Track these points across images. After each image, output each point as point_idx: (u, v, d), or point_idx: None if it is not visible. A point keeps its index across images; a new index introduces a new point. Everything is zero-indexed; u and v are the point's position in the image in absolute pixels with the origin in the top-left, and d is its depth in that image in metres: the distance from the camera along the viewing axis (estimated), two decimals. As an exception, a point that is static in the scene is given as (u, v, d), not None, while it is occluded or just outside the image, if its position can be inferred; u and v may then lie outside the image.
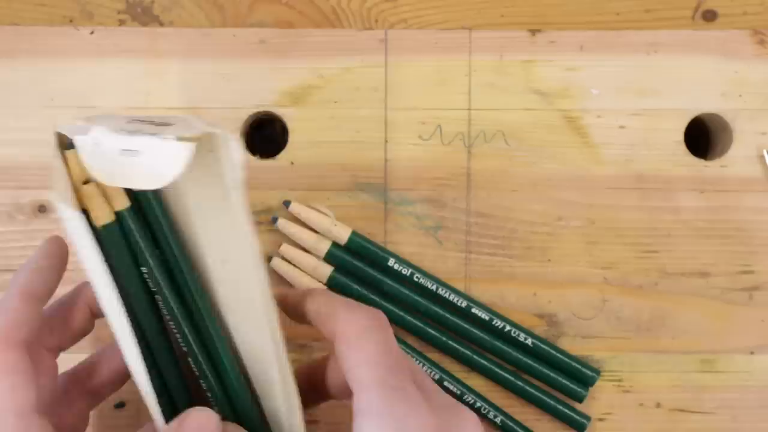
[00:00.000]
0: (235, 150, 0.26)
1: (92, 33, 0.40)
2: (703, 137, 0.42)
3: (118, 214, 0.28)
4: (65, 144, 0.28)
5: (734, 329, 0.40)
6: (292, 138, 0.40)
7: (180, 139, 0.26)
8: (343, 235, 0.39)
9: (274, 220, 0.39)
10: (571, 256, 0.40)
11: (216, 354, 0.30)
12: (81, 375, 0.33)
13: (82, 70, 0.40)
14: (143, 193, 0.28)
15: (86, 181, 0.28)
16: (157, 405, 0.29)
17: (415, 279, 0.39)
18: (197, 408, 0.29)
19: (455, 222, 0.40)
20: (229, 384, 0.30)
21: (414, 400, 0.28)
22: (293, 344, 0.40)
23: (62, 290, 0.32)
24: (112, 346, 0.33)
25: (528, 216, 0.40)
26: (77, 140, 0.27)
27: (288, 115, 0.40)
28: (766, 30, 0.40)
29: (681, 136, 0.40)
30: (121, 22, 0.40)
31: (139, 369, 0.28)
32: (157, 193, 0.29)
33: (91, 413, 0.33)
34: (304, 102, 0.40)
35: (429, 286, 0.39)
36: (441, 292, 0.39)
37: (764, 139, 0.40)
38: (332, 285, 0.39)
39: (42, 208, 0.39)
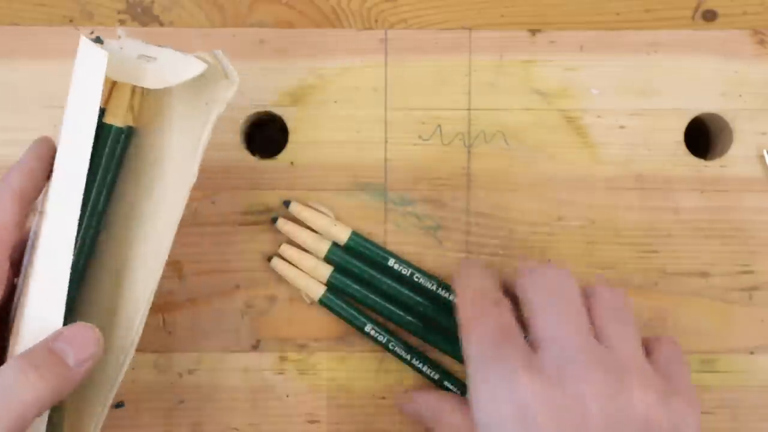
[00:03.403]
0: (233, 89, 0.32)
1: (92, 33, 0.40)
2: (703, 137, 0.42)
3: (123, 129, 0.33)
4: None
5: (734, 329, 0.40)
6: (292, 138, 0.40)
7: (197, 56, 0.31)
8: (342, 235, 0.39)
9: (274, 220, 0.39)
10: (571, 256, 0.40)
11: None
12: None
13: (82, 70, 0.40)
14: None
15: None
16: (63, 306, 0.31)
17: (415, 279, 0.39)
18: (82, 323, 0.31)
19: (455, 222, 0.40)
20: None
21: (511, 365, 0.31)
22: (293, 344, 0.40)
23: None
24: None
25: (528, 216, 0.40)
26: (106, 43, 0.32)
27: (288, 115, 0.40)
28: (766, 30, 0.40)
29: (681, 136, 0.40)
30: (121, 22, 0.40)
31: (66, 264, 0.30)
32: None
33: None
34: (304, 102, 0.40)
35: (429, 287, 0.39)
36: (441, 292, 0.39)
37: (764, 139, 0.40)
38: (332, 285, 0.39)
39: (42, 208, 0.40)
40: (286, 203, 0.39)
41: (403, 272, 0.39)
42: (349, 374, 0.40)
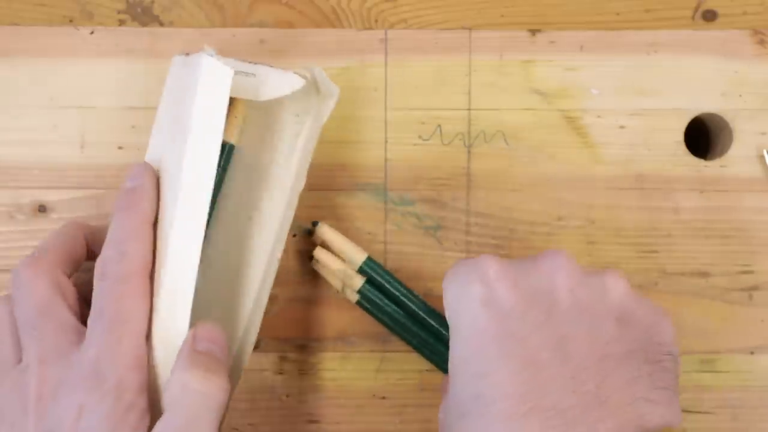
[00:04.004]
0: (334, 100, 0.35)
1: (92, 33, 0.40)
2: (703, 137, 0.42)
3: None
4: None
5: (734, 329, 0.40)
6: (292, 138, 0.40)
7: (296, 73, 0.33)
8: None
9: (315, 224, 0.39)
10: (571, 256, 0.40)
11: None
12: None
13: (82, 70, 0.40)
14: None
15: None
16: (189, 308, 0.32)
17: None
18: (202, 321, 0.31)
19: (455, 222, 0.40)
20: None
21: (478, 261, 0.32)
22: (293, 344, 0.40)
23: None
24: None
25: (528, 216, 0.40)
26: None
27: (288, 115, 0.40)
28: (766, 30, 0.40)
29: (681, 136, 0.40)
30: (121, 22, 0.40)
31: (193, 271, 0.32)
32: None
33: None
34: (304, 102, 0.40)
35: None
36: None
37: (764, 139, 0.40)
38: (363, 296, 0.38)
39: (42, 208, 0.40)
40: (315, 223, 0.39)
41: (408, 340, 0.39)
42: (349, 374, 0.40)
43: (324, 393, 0.40)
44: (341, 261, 0.38)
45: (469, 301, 0.31)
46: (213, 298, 0.35)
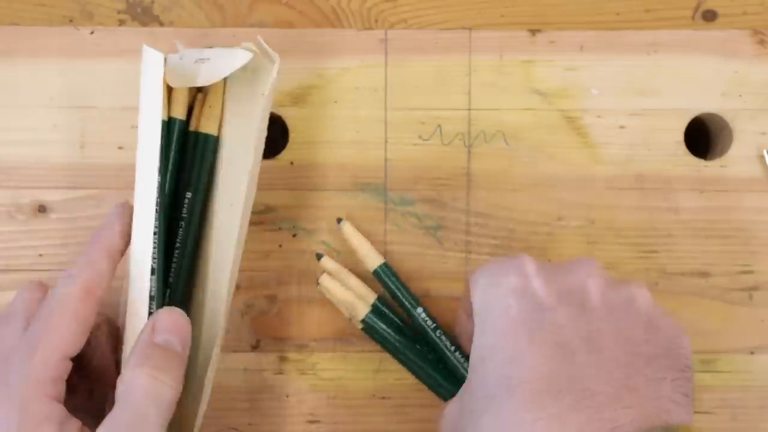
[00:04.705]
0: (275, 67, 0.33)
1: (92, 33, 0.40)
2: (703, 137, 0.42)
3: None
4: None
5: (734, 329, 0.40)
6: (292, 138, 0.40)
7: (243, 47, 0.33)
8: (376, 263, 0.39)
9: (339, 221, 0.39)
10: (571, 257, 0.40)
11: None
12: None
13: (82, 70, 0.40)
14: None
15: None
16: (148, 306, 0.32)
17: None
18: (166, 308, 0.32)
19: (455, 222, 0.40)
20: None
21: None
22: (293, 344, 0.40)
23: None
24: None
25: (528, 216, 0.40)
26: (169, 57, 0.34)
27: (288, 115, 0.40)
28: (766, 30, 0.40)
29: (681, 136, 0.40)
30: (121, 22, 0.40)
31: (147, 262, 0.32)
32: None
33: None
34: (304, 102, 0.40)
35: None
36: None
37: (764, 139, 0.40)
38: (366, 325, 0.38)
39: (42, 208, 0.40)
40: (339, 220, 0.39)
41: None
42: (349, 374, 0.40)
43: (324, 393, 0.40)
44: (346, 290, 0.38)
45: (503, 291, 0.32)
46: (210, 297, 0.35)
